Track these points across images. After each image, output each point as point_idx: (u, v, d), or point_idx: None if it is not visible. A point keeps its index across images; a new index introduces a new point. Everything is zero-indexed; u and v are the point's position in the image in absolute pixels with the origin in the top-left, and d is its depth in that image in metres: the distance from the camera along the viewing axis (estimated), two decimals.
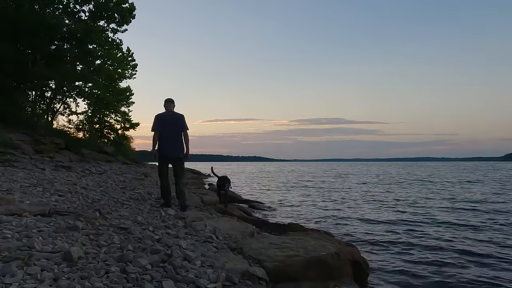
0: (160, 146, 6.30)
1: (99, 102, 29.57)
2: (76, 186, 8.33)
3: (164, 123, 6.26)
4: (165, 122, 6.26)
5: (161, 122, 6.27)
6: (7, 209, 4.62)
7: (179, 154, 6.30)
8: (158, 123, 6.28)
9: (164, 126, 6.25)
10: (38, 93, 23.24)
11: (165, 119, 6.29)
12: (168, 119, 6.29)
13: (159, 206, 6.49)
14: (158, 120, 6.29)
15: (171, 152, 6.27)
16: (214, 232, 4.71)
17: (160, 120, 6.28)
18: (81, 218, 4.73)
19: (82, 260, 3.05)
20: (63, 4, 21.14)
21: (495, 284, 4.61)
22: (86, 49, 22.32)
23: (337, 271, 3.86)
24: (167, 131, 6.23)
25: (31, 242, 3.27)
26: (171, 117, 6.30)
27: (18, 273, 2.57)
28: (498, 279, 4.77)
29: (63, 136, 21.43)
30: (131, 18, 22.43)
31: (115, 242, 3.70)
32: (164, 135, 6.25)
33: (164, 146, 6.27)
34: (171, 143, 6.24)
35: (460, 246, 6.49)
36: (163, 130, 6.25)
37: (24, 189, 6.72)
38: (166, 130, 6.23)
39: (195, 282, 2.84)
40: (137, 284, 2.69)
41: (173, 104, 6.38)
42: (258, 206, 12.24)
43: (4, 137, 14.63)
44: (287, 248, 4.06)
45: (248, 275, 3.26)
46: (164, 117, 6.31)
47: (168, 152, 6.28)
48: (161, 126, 6.26)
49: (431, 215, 10.02)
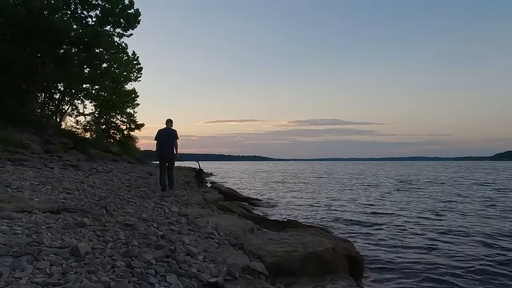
0: (159, 150, 8.76)
1: (106, 103, 29.61)
2: (84, 184, 8.33)
3: (162, 136, 8.71)
4: (163, 135, 8.71)
5: (160, 134, 8.74)
6: (18, 206, 4.62)
7: (171, 155, 8.74)
8: (159, 135, 8.74)
9: (162, 137, 8.71)
10: (47, 95, 23.27)
11: (163, 133, 8.74)
12: (165, 133, 8.74)
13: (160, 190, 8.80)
14: (158, 133, 8.76)
15: (165, 153, 8.72)
16: (216, 228, 4.70)
17: (160, 133, 8.75)
18: (88, 215, 4.74)
19: (89, 255, 3.05)
20: (71, 10, 21.17)
21: (487, 278, 4.61)
22: (93, 53, 22.36)
23: (334, 265, 3.85)
24: (164, 140, 8.69)
25: (40, 238, 3.27)
26: (167, 131, 8.75)
27: (28, 268, 2.57)
28: (488, 273, 4.77)
29: (71, 136, 21.46)
30: (136, 23, 22.44)
31: (121, 238, 3.70)
32: (161, 143, 8.70)
33: (161, 150, 8.73)
34: (165, 148, 8.68)
35: (453, 242, 6.49)
36: (161, 140, 8.71)
37: (34, 187, 6.72)
38: (163, 140, 8.69)
39: (197, 276, 2.84)
40: (142, 278, 2.68)
41: (171, 123, 8.88)
42: (258, 203, 12.26)
43: (15, 137, 14.64)
44: (286, 243, 4.06)
45: (248, 269, 3.25)
46: (162, 131, 8.78)
47: (163, 154, 8.76)
48: (160, 137, 8.71)
49: (425, 213, 10.02)
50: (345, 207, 11.32)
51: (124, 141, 32.36)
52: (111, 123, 32.12)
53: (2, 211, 4.30)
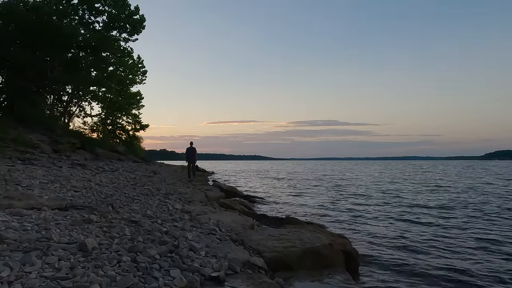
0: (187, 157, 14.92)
1: (112, 105, 29.61)
2: (91, 182, 8.33)
3: (189, 150, 14.80)
4: (189, 149, 14.80)
5: (187, 150, 14.84)
6: (27, 203, 4.62)
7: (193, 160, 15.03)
8: (186, 151, 14.85)
9: (188, 150, 14.80)
10: (56, 97, 23.27)
11: (188, 149, 14.79)
12: (189, 149, 14.79)
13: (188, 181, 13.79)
14: (186, 149, 14.86)
15: (190, 160, 14.97)
16: (218, 225, 4.70)
17: (187, 150, 14.84)
18: (95, 212, 4.74)
19: (96, 250, 3.05)
20: (79, 16, 21.19)
21: (480, 274, 4.61)
22: (100, 57, 22.39)
23: (331, 261, 3.85)
24: (189, 153, 14.80)
25: (49, 234, 3.27)
26: (191, 148, 14.79)
27: (37, 263, 2.57)
28: (481, 269, 4.77)
29: (78, 136, 21.45)
30: (141, 28, 22.45)
31: (127, 234, 3.70)
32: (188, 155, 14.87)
33: (187, 158, 14.93)
34: (190, 157, 14.85)
35: (448, 238, 6.48)
36: (187, 153, 14.81)
37: (43, 185, 6.72)
38: (188, 153, 14.81)
39: (200, 271, 2.84)
40: (146, 273, 2.68)
41: (192, 143, 14.88)
42: (258, 201, 12.25)
43: (25, 137, 14.64)
44: (285, 239, 4.06)
45: (248, 264, 3.25)
46: (188, 149, 14.80)
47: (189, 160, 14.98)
48: (187, 151, 14.79)
49: (417, 209, 10.01)
50: (342, 204, 11.31)
51: (130, 141, 32.34)
52: (117, 124, 32.11)
53: (13, 208, 4.30)
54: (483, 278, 4.45)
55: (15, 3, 18.98)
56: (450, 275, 4.51)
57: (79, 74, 21.73)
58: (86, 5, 20.75)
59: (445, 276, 4.49)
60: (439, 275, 4.52)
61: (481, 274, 4.56)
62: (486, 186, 18.05)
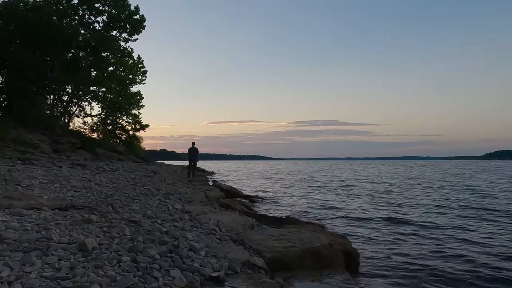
0: (189, 158, 14.98)
1: (112, 105, 29.61)
2: (91, 182, 8.32)
3: (191, 150, 14.85)
4: (190, 150, 14.86)
5: (189, 150, 14.89)
6: (27, 203, 4.62)
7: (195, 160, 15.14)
8: (189, 150, 14.87)
9: (190, 151, 14.85)
10: (56, 97, 23.26)
11: (190, 149, 14.85)
12: (191, 149, 14.86)
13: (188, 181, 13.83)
14: (188, 150, 14.89)
15: (192, 160, 15.00)
16: (217, 225, 4.70)
17: (189, 150, 14.90)
18: (95, 212, 4.73)
19: (96, 250, 3.05)
20: (79, 16, 21.18)
21: (477, 274, 4.61)
22: (100, 57, 22.38)
23: (330, 260, 3.85)
24: (191, 153, 14.86)
25: (49, 234, 3.27)
26: (193, 148, 14.85)
27: (37, 263, 2.57)
28: (479, 271, 4.77)
29: (78, 136, 21.44)
30: (141, 28, 22.44)
31: (127, 234, 3.70)
32: (190, 155, 14.90)
33: (190, 158, 14.97)
34: (192, 157, 14.91)
35: (447, 239, 6.48)
36: (190, 152, 14.84)
37: (43, 185, 6.71)
38: (191, 153, 14.87)
39: (200, 271, 2.84)
40: (146, 273, 2.68)
41: (194, 143, 14.94)
42: (258, 201, 12.24)
43: (25, 137, 14.63)
44: (285, 239, 4.06)
45: (248, 264, 3.25)
46: (190, 149, 14.85)
47: (191, 160, 15.01)
48: (190, 151, 14.85)
49: (418, 209, 10.01)
50: (342, 204, 11.31)
51: (130, 141, 32.34)
52: (117, 124, 32.11)
53: (13, 208, 4.30)
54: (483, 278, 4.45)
55: (15, 3, 18.98)
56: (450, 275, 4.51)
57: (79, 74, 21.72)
58: (86, 5, 20.75)
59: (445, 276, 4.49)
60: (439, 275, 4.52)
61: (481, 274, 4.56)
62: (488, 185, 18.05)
